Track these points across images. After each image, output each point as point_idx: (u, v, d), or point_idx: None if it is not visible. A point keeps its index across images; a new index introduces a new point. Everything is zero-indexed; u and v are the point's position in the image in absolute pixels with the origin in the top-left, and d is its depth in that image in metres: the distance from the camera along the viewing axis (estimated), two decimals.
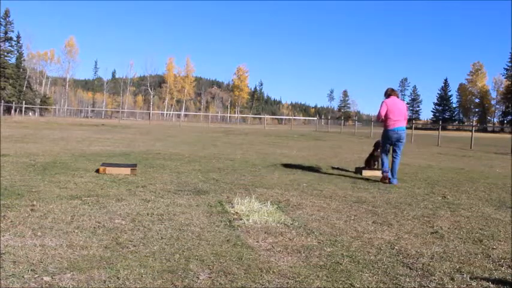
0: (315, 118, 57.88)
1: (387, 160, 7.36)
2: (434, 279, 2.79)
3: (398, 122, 7.28)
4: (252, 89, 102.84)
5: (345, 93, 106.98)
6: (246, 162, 8.94)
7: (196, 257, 2.97)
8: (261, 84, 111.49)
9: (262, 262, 2.95)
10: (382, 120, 7.33)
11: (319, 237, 3.61)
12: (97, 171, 6.59)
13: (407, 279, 2.76)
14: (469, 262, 3.14)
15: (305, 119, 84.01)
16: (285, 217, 4.20)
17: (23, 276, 2.53)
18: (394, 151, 7.40)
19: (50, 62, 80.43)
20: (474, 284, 2.74)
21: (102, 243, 3.17)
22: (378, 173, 7.68)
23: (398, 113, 7.29)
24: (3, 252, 2.90)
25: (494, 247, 3.56)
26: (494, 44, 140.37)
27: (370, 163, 8.16)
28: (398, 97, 7.57)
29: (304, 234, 3.67)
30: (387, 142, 7.40)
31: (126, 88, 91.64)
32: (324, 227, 3.94)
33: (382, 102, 7.36)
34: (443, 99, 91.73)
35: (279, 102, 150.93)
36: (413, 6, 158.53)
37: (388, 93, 7.47)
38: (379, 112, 7.34)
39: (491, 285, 2.73)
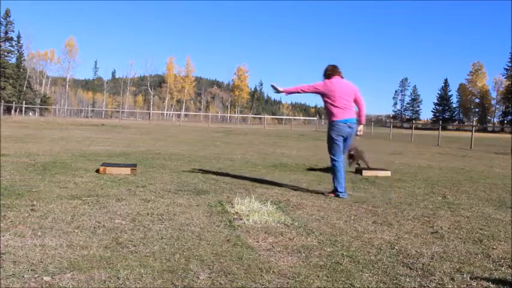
0: (315, 118, 57.91)
1: (342, 169, 5.53)
2: (434, 279, 2.79)
3: (348, 111, 5.40)
4: (252, 89, 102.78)
5: None
6: (246, 162, 8.94)
7: (196, 257, 2.97)
8: (261, 84, 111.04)
9: (262, 262, 2.94)
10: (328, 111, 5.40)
11: (319, 237, 3.61)
12: (97, 171, 6.59)
13: (407, 279, 2.76)
14: (469, 262, 3.14)
15: (305, 119, 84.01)
16: (285, 217, 4.20)
17: (23, 276, 2.53)
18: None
19: (50, 62, 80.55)
20: (474, 284, 2.74)
21: (102, 243, 3.17)
22: (378, 173, 7.68)
23: (345, 98, 5.37)
24: (3, 252, 2.90)
25: (494, 247, 3.55)
26: (494, 44, 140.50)
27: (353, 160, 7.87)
28: (342, 78, 5.47)
29: (304, 234, 3.67)
30: (337, 142, 5.44)
31: (126, 88, 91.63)
32: (324, 227, 3.94)
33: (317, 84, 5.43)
34: (443, 99, 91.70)
35: (279, 102, 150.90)
36: (413, 6, 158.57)
37: (329, 73, 5.41)
38: (314, 86, 5.39)
39: (491, 285, 2.73)
